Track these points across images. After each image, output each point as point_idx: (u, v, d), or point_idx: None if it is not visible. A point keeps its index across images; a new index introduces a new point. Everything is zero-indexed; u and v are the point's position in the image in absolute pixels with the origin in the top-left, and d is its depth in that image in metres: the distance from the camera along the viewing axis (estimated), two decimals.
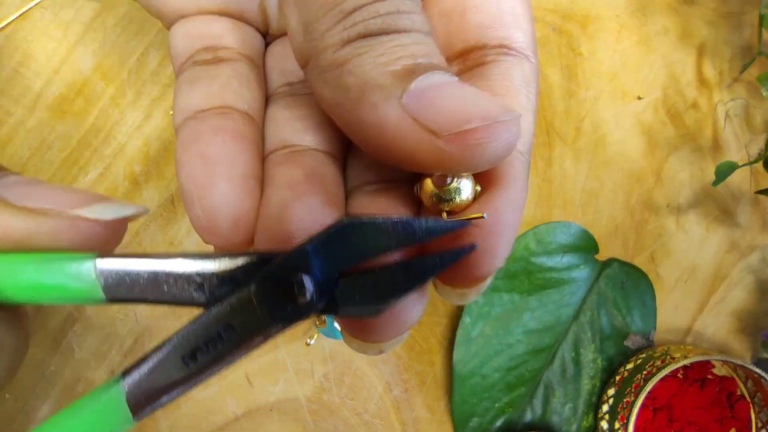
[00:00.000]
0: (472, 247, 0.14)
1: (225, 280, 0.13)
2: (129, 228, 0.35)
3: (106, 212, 0.15)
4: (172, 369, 0.13)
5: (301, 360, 0.35)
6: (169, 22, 0.19)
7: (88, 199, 0.15)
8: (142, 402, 0.13)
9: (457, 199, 0.15)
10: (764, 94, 0.32)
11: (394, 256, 0.14)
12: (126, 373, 0.13)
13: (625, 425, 0.31)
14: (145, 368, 0.13)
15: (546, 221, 0.35)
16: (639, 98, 0.38)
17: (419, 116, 0.13)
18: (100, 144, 0.36)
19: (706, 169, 0.37)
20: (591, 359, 0.35)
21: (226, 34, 0.19)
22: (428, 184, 0.15)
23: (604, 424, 0.34)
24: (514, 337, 0.34)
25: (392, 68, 0.14)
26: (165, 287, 0.13)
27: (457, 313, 0.35)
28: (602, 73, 0.38)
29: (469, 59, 0.17)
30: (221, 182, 0.15)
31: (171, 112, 0.16)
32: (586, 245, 0.35)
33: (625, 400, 0.32)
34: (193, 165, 0.15)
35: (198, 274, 0.13)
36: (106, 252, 0.14)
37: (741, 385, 0.35)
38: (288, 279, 0.13)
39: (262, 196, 0.16)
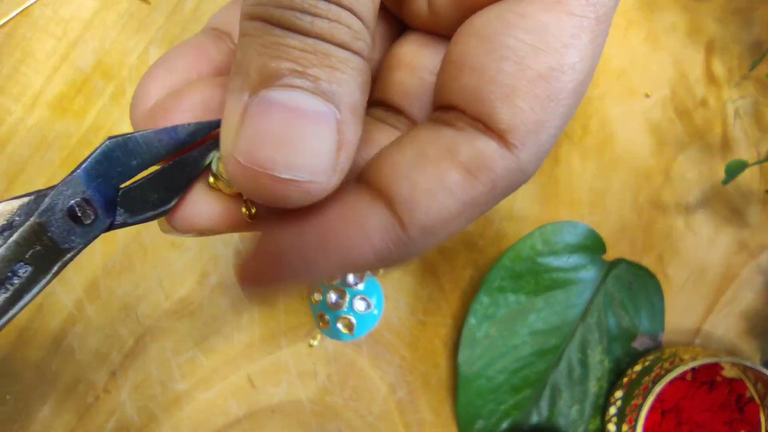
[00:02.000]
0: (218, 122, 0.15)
1: (5, 225, 0.14)
2: (129, 229, 0.35)
3: None
4: None
5: (303, 361, 0.35)
6: None
7: None
8: None
9: (222, 185, 0.15)
10: None
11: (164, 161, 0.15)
12: None
13: (634, 428, 0.31)
14: None
15: (552, 221, 0.35)
16: (647, 96, 0.37)
17: (243, 124, 0.13)
18: (101, 142, 0.35)
19: (715, 168, 0.36)
20: (598, 361, 0.35)
21: None
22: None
23: (612, 427, 0.33)
24: (519, 338, 0.34)
25: (266, 64, 0.13)
26: None
27: (462, 314, 0.35)
28: (610, 71, 0.37)
29: (447, 115, 0.15)
30: (155, 83, 0.17)
31: None
32: (593, 245, 0.35)
33: (633, 403, 0.32)
34: (157, 60, 0.17)
35: None
36: None
37: (750, 388, 0.34)
38: (67, 205, 0.14)
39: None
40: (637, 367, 0.34)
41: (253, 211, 0.15)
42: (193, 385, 0.34)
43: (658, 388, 0.30)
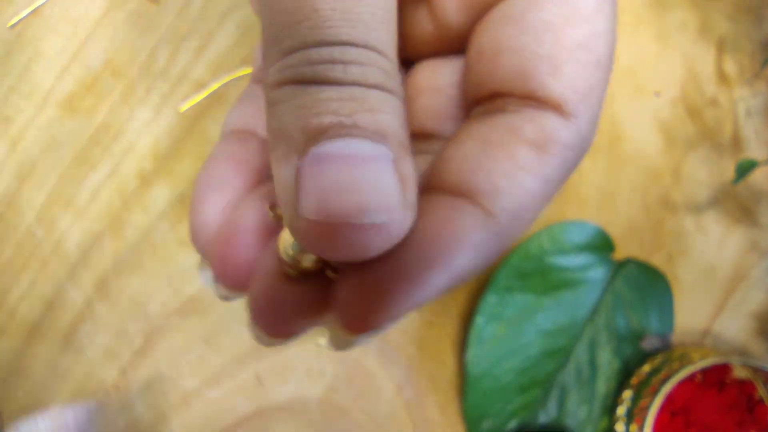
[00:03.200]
0: None
1: None
2: (139, 227, 0.35)
3: None
4: None
5: (311, 360, 0.35)
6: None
7: None
8: None
9: (302, 262, 0.14)
10: None
11: None
12: None
13: (642, 428, 0.31)
14: None
15: (560, 220, 0.35)
16: (657, 94, 0.37)
17: (299, 184, 0.13)
18: (111, 141, 0.35)
19: (726, 168, 0.36)
20: (607, 361, 0.34)
21: None
22: (285, 235, 0.15)
23: (621, 427, 0.33)
24: (527, 338, 0.34)
25: (307, 123, 0.13)
26: None
27: (469, 314, 0.35)
28: (619, 69, 0.37)
29: (494, 104, 0.15)
30: (213, 196, 0.17)
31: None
32: (601, 245, 0.35)
33: (641, 403, 0.32)
34: (199, 181, 0.17)
35: None
36: None
37: (760, 389, 0.34)
38: None
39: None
40: (646, 368, 0.34)
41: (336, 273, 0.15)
42: (202, 383, 0.34)
43: (666, 389, 0.30)
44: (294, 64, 0.13)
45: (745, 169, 0.32)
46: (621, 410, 0.33)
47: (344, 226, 0.12)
